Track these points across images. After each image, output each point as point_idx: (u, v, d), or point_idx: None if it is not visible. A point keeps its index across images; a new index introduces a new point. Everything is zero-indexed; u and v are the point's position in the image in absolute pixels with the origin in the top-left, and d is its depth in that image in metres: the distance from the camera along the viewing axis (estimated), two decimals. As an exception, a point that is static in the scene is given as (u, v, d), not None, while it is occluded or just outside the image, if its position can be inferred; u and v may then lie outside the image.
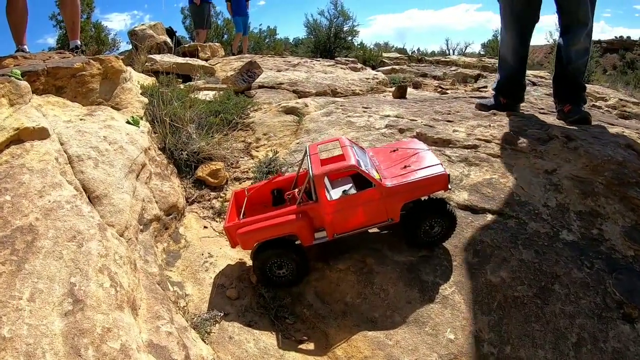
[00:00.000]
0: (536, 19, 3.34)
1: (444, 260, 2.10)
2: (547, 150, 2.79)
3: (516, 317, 1.90)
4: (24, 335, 1.30)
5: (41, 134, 2.17)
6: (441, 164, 2.02)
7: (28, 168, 1.93)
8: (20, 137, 2.10)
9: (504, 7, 3.37)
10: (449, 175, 1.98)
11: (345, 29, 9.29)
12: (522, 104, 3.74)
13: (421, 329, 1.86)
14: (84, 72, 2.90)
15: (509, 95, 3.58)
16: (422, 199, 2.02)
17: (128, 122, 2.76)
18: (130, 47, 6.35)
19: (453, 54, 13.93)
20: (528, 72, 6.19)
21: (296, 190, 2.12)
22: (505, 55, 3.54)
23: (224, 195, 2.89)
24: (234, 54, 7.66)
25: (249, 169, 3.13)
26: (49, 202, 1.77)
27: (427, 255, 2.12)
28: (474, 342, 1.82)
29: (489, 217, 2.34)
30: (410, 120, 3.45)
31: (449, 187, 2.01)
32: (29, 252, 1.55)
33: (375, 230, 2.23)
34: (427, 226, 2.03)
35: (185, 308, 1.98)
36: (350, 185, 2.05)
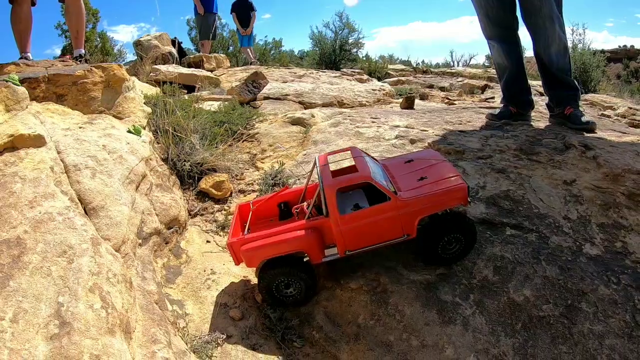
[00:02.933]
0: (515, 21, 3.24)
1: (463, 278, 1.95)
2: (564, 160, 2.67)
3: (542, 338, 1.75)
4: (4, 360, 1.17)
5: (37, 141, 2.07)
6: (460, 176, 1.89)
7: (20, 177, 1.82)
8: (15, 144, 2.00)
9: (481, 17, 3.32)
10: (468, 187, 1.85)
11: (350, 41, 9.28)
12: (533, 113, 3.63)
13: (441, 354, 1.71)
14: (86, 80, 2.81)
15: (516, 102, 3.48)
16: (440, 213, 1.88)
17: (129, 131, 2.66)
18: (135, 58, 6.32)
19: (458, 65, 13.89)
20: (534, 82, 6.10)
21: (305, 203, 1.99)
22: (499, 61, 3.46)
23: (228, 207, 2.76)
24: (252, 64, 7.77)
25: (254, 181, 3.01)
26: (40, 213, 1.65)
27: (445, 273, 1.97)
28: (498, 367, 1.66)
29: (509, 231, 2.21)
30: (421, 130, 3.34)
31: (469, 199, 1.87)
32: (14, 268, 1.42)
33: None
34: (445, 242, 1.89)
35: (185, 329, 1.84)
36: (362, 198, 1.92)
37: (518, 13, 3.20)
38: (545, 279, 1.93)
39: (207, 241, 2.47)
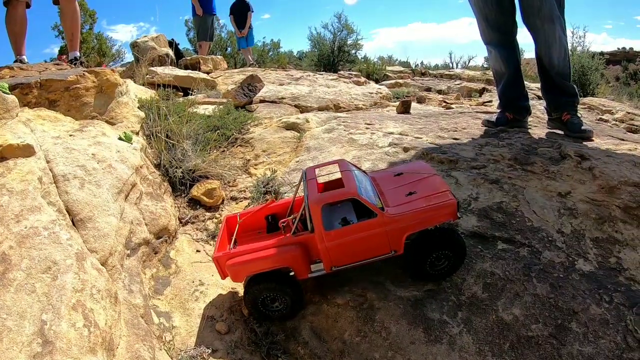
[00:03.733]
0: (514, 25, 3.21)
1: (452, 295, 1.94)
2: (560, 171, 2.64)
3: (530, 359, 1.73)
4: (-15, 382, 1.16)
5: (26, 151, 2.06)
6: (450, 191, 1.87)
7: (8, 189, 1.81)
8: (4, 154, 1.99)
9: (480, 20, 3.28)
10: (458, 202, 1.83)
11: (349, 42, 9.25)
12: (530, 118, 3.60)
13: (426, 373, 1.70)
14: (78, 85, 2.80)
15: (513, 108, 3.45)
16: (429, 228, 1.87)
17: (120, 139, 2.65)
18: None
19: (457, 67, 13.86)
20: (532, 85, 6.05)
21: (291, 217, 1.97)
22: (497, 67, 3.43)
23: (219, 215, 2.75)
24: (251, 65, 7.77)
25: (247, 188, 3.00)
26: (26, 227, 1.64)
27: (433, 289, 1.96)
28: (484, 388, 1.65)
29: (500, 245, 2.19)
30: (415, 138, 3.32)
31: (459, 215, 1.86)
32: (-1, 285, 1.42)
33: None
34: (433, 258, 1.87)
35: (171, 342, 1.83)
36: (350, 212, 1.90)
37: (518, 17, 3.17)
38: (535, 297, 1.91)
39: (197, 250, 2.46)
